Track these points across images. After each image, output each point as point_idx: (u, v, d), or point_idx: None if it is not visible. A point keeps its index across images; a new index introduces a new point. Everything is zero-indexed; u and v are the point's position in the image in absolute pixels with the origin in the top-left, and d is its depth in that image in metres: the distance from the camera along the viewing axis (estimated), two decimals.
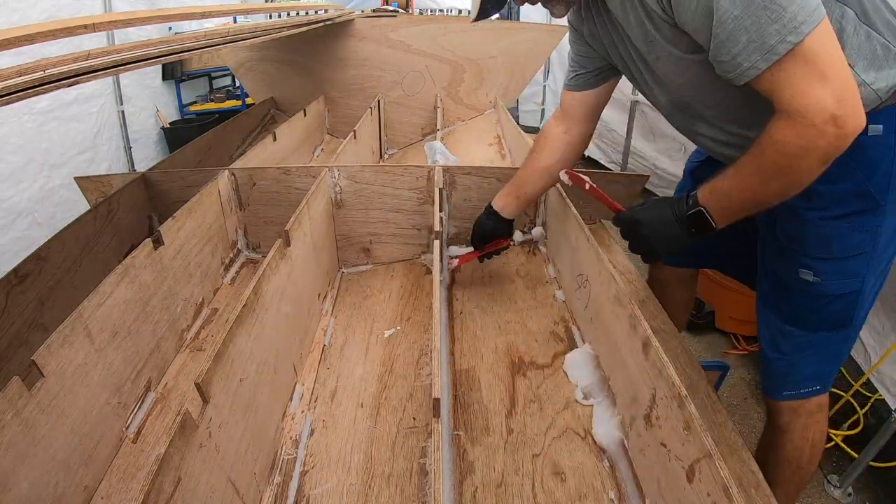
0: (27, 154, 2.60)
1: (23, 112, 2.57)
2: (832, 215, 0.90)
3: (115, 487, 0.91)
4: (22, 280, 1.11)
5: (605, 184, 1.58)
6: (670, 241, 0.92)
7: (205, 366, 0.74)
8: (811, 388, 1.03)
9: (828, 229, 0.91)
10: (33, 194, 2.62)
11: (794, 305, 0.99)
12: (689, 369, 1.06)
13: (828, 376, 1.03)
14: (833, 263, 0.92)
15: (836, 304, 0.95)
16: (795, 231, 0.95)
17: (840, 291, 0.94)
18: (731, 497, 0.60)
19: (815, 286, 0.94)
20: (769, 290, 1.04)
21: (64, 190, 2.77)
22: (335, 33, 2.81)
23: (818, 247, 0.92)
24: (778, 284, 1.01)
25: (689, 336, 2.23)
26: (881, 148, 0.85)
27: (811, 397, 1.03)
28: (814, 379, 1.02)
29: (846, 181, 0.87)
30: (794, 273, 0.96)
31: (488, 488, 0.88)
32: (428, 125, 3.01)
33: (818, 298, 0.95)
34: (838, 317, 0.96)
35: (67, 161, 2.84)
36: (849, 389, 1.66)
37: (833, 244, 0.91)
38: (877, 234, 0.89)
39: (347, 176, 1.51)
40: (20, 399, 0.76)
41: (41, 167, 2.67)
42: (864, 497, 1.57)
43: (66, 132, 2.85)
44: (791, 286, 0.98)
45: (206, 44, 1.57)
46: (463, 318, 1.32)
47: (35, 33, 1.01)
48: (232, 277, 1.53)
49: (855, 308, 0.95)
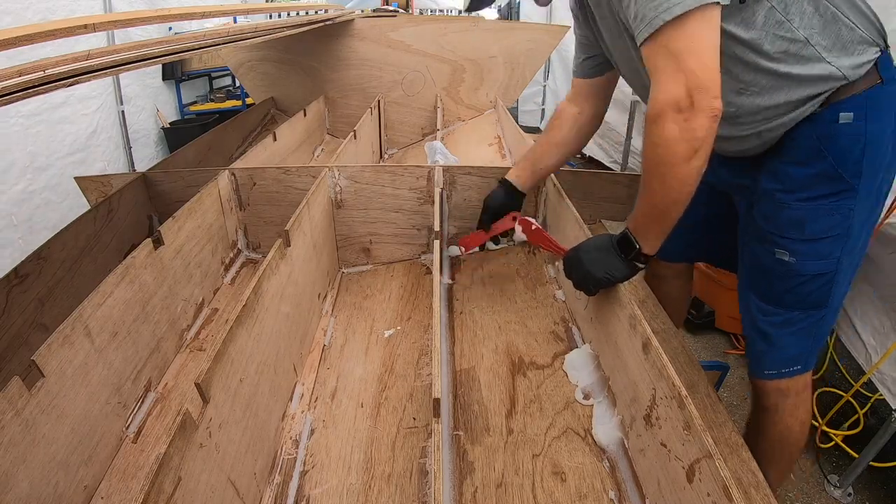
0: (12, 156, 2.56)
1: (10, 115, 2.53)
2: (804, 197, 0.92)
3: (115, 487, 0.91)
4: (22, 280, 1.11)
5: (606, 184, 1.59)
6: (608, 267, 0.94)
7: (205, 366, 0.74)
8: (792, 367, 1.05)
9: (801, 211, 0.93)
10: (13, 196, 2.59)
11: (771, 285, 1.02)
12: (689, 369, 1.07)
13: (807, 357, 1.05)
14: (807, 245, 0.95)
15: (811, 284, 0.98)
16: (770, 212, 0.98)
17: (815, 272, 0.96)
18: (731, 497, 0.60)
19: (790, 266, 0.97)
20: (748, 271, 1.07)
21: (48, 192, 2.73)
22: (335, 33, 2.81)
23: (791, 228, 0.95)
24: (756, 265, 1.04)
25: (689, 336, 2.23)
26: (852, 135, 0.87)
27: (793, 377, 1.06)
28: (794, 359, 1.05)
29: (817, 165, 0.90)
30: (771, 253, 0.99)
31: (488, 488, 0.87)
32: (428, 125, 3.01)
33: (794, 278, 0.98)
34: (814, 297, 0.99)
35: (54, 163, 2.79)
36: (849, 389, 1.66)
37: (806, 226, 0.94)
38: (850, 217, 0.92)
39: (347, 176, 1.51)
40: (20, 399, 0.76)
41: (24, 170, 2.63)
42: (864, 497, 1.57)
43: (53, 134, 2.80)
44: (769, 267, 1.01)
45: (206, 44, 1.57)
46: (463, 318, 1.31)
47: (35, 33, 1.01)
48: (232, 277, 1.53)
49: (831, 288, 0.98)
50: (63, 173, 2.78)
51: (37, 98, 0.98)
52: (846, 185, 0.89)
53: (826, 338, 1.09)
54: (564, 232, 1.38)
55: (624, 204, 1.64)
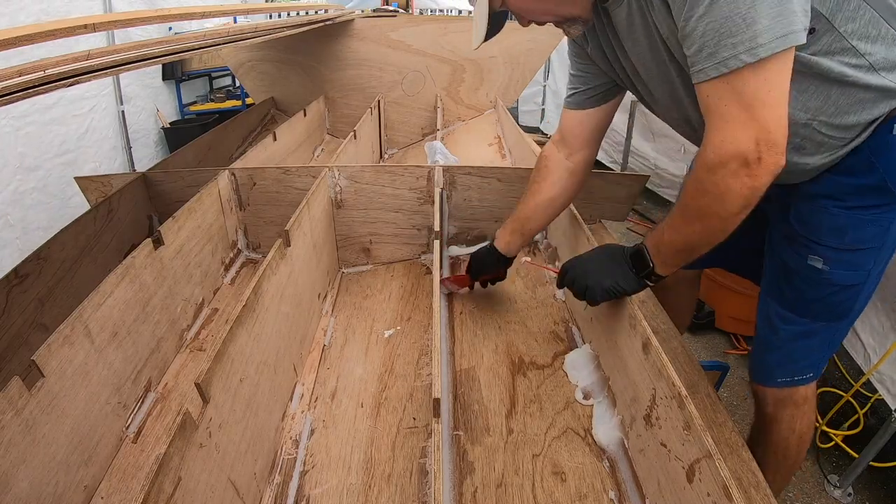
0: (4, 157, 2.56)
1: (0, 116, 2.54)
2: (849, 206, 0.90)
3: (115, 487, 0.91)
4: (22, 280, 1.11)
5: (606, 184, 1.58)
6: (619, 277, 0.92)
7: (205, 366, 0.74)
8: (805, 375, 1.04)
9: (843, 218, 0.90)
10: (6, 197, 2.59)
11: (799, 293, 0.99)
12: (689, 369, 1.07)
13: (820, 364, 1.05)
14: (843, 253, 0.92)
15: (840, 294, 0.95)
16: (809, 218, 0.94)
17: (845, 282, 0.94)
18: (731, 497, 0.60)
19: (822, 274, 0.94)
20: (774, 278, 1.05)
21: (37, 193, 2.73)
22: (335, 33, 2.81)
23: (831, 235, 0.92)
24: (784, 271, 1.01)
25: (689, 336, 2.23)
26: None
27: (802, 385, 1.05)
28: (808, 367, 1.04)
29: (868, 177, 0.87)
30: (804, 260, 0.96)
31: (488, 488, 0.87)
32: (428, 125, 3.01)
33: (824, 287, 0.95)
34: (840, 307, 0.97)
35: (42, 164, 2.77)
36: (849, 389, 1.66)
37: (847, 234, 0.91)
38: (888, 230, 0.90)
39: (347, 176, 1.51)
40: (20, 399, 0.76)
41: (15, 170, 2.63)
42: (864, 497, 1.57)
43: (43, 135, 2.78)
44: (798, 273, 0.98)
45: (206, 44, 1.57)
46: (463, 318, 1.31)
47: (35, 33, 1.01)
48: (232, 277, 1.53)
49: (856, 300, 0.96)
50: (51, 174, 2.78)
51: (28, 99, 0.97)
52: (892, 197, 0.87)
53: (838, 347, 1.08)
54: (565, 232, 1.38)
55: (624, 204, 1.64)
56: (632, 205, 1.68)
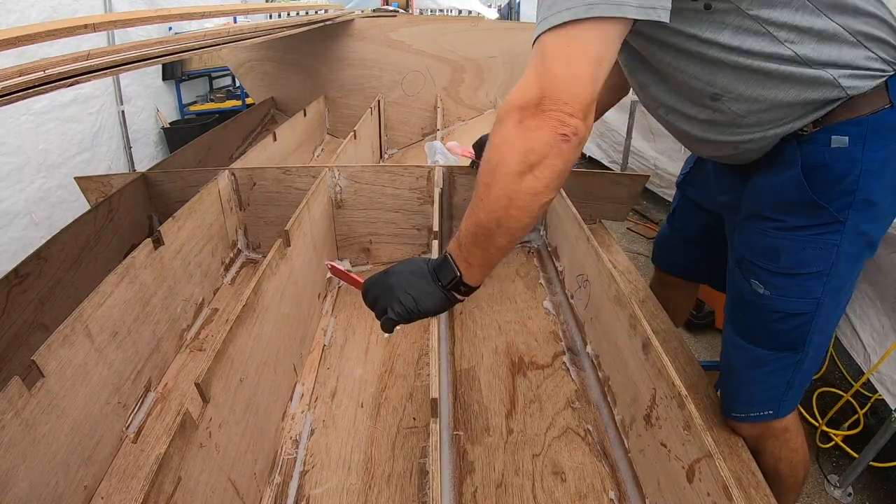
0: (25, 154, 2.60)
1: (21, 112, 2.57)
2: (781, 226, 0.84)
3: (115, 487, 0.91)
4: (22, 280, 1.11)
5: (606, 184, 1.59)
6: (419, 293, 0.76)
7: (205, 366, 0.74)
8: (762, 412, 0.92)
9: (777, 240, 0.84)
10: (31, 195, 2.62)
11: (747, 318, 0.92)
12: (689, 369, 1.07)
13: (779, 402, 0.92)
14: (782, 278, 0.85)
15: (785, 322, 0.87)
16: (749, 238, 0.90)
17: (790, 310, 0.86)
18: (732, 497, 0.60)
19: (764, 299, 0.88)
20: (728, 302, 0.98)
21: (61, 190, 2.76)
22: (335, 33, 2.81)
23: (765, 257, 0.86)
24: (735, 296, 0.95)
25: (689, 336, 2.23)
26: (846, 162, 0.77)
27: (763, 422, 0.93)
28: (764, 403, 0.92)
29: (796, 192, 0.81)
30: (748, 283, 0.90)
31: (488, 488, 0.88)
32: (428, 125, 3.01)
33: (767, 313, 0.88)
34: (788, 337, 0.88)
35: (66, 161, 2.84)
36: (849, 389, 1.66)
37: (781, 257, 0.84)
38: (835, 255, 0.81)
39: (347, 176, 1.51)
40: (20, 399, 0.76)
41: (39, 168, 2.67)
42: (864, 497, 1.57)
43: (64, 133, 2.84)
44: (745, 298, 0.91)
45: (206, 44, 1.57)
46: (463, 318, 1.31)
47: (35, 33, 1.01)
48: (232, 277, 1.53)
49: (808, 332, 0.86)
50: (75, 172, 2.82)
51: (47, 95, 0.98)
52: (831, 217, 0.79)
53: (806, 386, 0.94)
54: (565, 232, 1.38)
55: (624, 204, 1.64)
56: (632, 205, 1.68)
